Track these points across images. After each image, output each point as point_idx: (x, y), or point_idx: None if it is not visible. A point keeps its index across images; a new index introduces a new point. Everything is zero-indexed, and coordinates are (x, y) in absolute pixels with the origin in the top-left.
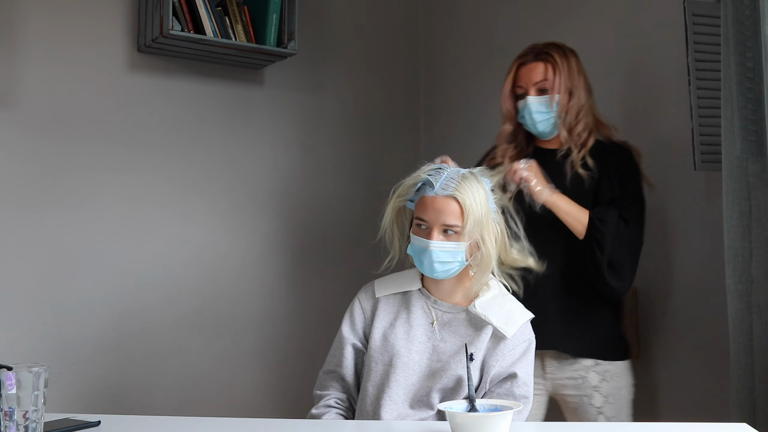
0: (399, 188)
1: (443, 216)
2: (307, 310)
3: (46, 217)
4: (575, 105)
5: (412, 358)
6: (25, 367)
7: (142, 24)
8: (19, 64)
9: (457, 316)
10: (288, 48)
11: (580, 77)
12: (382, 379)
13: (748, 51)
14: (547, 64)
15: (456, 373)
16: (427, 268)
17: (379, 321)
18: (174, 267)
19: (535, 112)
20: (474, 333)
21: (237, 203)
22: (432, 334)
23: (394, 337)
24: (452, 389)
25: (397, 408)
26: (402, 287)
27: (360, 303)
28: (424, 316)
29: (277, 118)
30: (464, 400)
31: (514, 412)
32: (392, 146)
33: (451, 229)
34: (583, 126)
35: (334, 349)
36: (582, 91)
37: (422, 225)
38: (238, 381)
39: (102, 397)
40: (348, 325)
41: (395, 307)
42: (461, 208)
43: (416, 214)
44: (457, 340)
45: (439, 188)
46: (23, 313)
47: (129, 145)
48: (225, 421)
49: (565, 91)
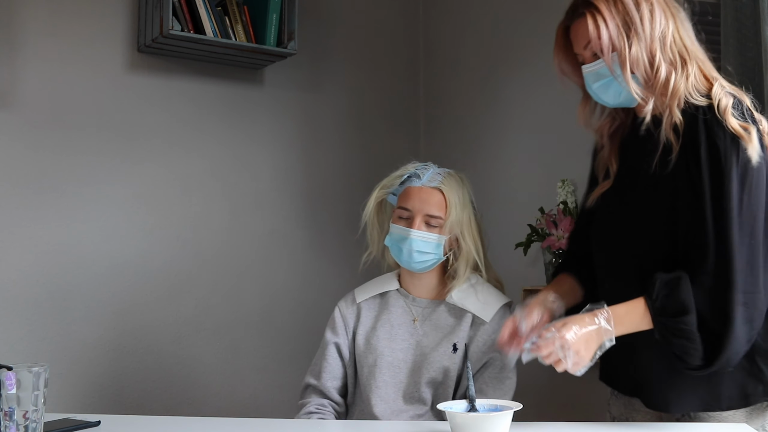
0: (384, 180)
1: (427, 206)
2: (307, 310)
3: (46, 216)
4: (641, 47)
5: (396, 357)
6: (25, 367)
7: (142, 24)
8: (18, 64)
9: (436, 310)
10: (288, 48)
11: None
12: (370, 380)
13: (748, 51)
14: (589, 18)
15: (441, 365)
16: (406, 257)
17: (362, 326)
18: (174, 267)
19: (593, 84)
20: (455, 323)
21: (237, 203)
22: (414, 330)
23: (377, 339)
24: (441, 382)
25: (389, 406)
26: (380, 289)
27: (340, 311)
28: (405, 315)
29: (277, 118)
30: (464, 400)
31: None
32: (392, 146)
33: (434, 221)
34: (666, 72)
35: (316, 359)
36: (649, 20)
37: (404, 214)
38: (238, 381)
39: (102, 397)
40: (329, 332)
41: (375, 310)
42: (445, 201)
43: (399, 203)
44: (439, 333)
45: (426, 180)
46: (23, 313)
47: (129, 145)
48: (225, 421)
49: (620, 36)
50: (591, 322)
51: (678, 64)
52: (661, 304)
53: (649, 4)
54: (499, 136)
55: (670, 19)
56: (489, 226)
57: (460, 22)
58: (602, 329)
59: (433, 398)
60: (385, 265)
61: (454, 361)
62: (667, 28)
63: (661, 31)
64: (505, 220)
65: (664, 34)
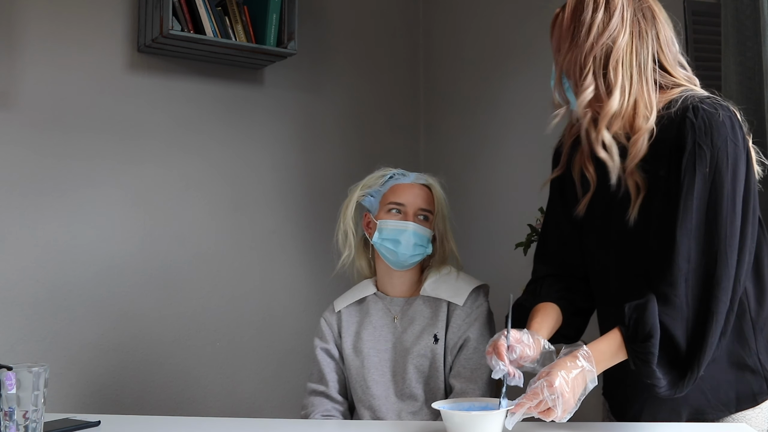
0: (362, 181)
1: (420, 200)
2: (306, 310)
3: (46, 216)
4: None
5: (382, 357)
6: (25, 367)
7: (142, 24)
8: (18, 64)
9: (413, 305)
10: (288, 48)
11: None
12: (360, 383)
13: (748, 51)
14: (558, 15)
15: (425, 357)
16: (403, 250)
17: (347, 333)
18: (174, 267)
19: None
20: (432, 314)
21: (237, 203)
22: (395, 329)
23: (362, 343)
24: (430, 375)
25: (382, 405)
26: (358, 296)
27: (326, 321)
28: (386, 316)
29: (277, 118)
30: (463, 400)
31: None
32: (392, 146)
33: (425, 214)
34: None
35: (312, 368)
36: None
37: (397, 209)
38: (238, 381)
39: (102, 397)
40: (318, 340)
41: (357, 317)
42: (434, 198)
43: (390, 200)
44: (418, 326)
45: (414, 178)
46: (23, 313)
47: (129, 145)
48: (225, 421)
49: (566, 39)
50: (574, 366)
51: (617, 83)
52: (632, 330)
53: (607, 14)
54: (499, 136)
55: (629, 34)
56: (489, 225)
57: (460, 22)
58: (585, 371)
59: (425, 393)
60: (354, 272)
61: (437, 352)
62: (621, 41)
63: (606, 43)
64: (505, 220)
65: (609, 47)
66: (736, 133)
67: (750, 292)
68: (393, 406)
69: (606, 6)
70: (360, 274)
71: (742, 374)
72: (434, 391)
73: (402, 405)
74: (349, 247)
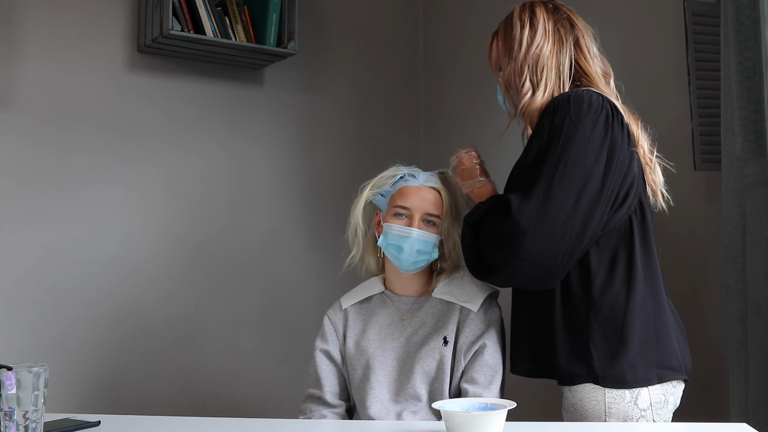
0: (374, 180)
1: (427, 204)
2: (307, 310)
3: (46, 216)
4: (513, 68)
5: (388, 356)
6: (25, 367)
7: (142, 24)
8: (18, 64)
9: (423, 306)
10: (288, 48)
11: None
12: (364, 382)
13: (748, 51)
14: (492, 39)
15: (433, 359)
16: (406, 257)
17: (351, 331)
18: (174, 266)
19: (498, 95)
20: (443, 316)
21: (237, 203)
22: (404, 329)
23: (367, 342)
24: (435, 377)
25: (384, 406)
26: (366, 294)
27: (329, 319)
28: (394, 314)
29: (277, 118)
30: (463, 400)
31: (490, 387)
32: (392, 146)
33: (431, 219)
34: (527, 91)
35: (309, 369)
36: (526, 44)
37: (402, 213)
38: (238, 381)
39: (102, 397)
40: (319, 340)
41: (364, 315)
42: (442, 201)
43: (396, 202)
44: (428, 328)
45: (423, 180)
46: (23, 313)
47: (129, 144)
48: (225, 421)
49: (504, 57)
50: (482, 176)
51: (541, 84)
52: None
53: (533, 30)
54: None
55: (552, 43)
56: None
57: (460, 22)
58: (477, 182)
59: (428, 393)
60: (363, 269)
61: (445, 354)
62: (545, 49)
63: (535, 53)
64: None
65: (537, 55)
66: (580, 116)
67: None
68: (394, 406)
69: (531, 23)
70: (368, 272)
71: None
72: (437, 392)
73: (404, 405)
74: (357, 246)
